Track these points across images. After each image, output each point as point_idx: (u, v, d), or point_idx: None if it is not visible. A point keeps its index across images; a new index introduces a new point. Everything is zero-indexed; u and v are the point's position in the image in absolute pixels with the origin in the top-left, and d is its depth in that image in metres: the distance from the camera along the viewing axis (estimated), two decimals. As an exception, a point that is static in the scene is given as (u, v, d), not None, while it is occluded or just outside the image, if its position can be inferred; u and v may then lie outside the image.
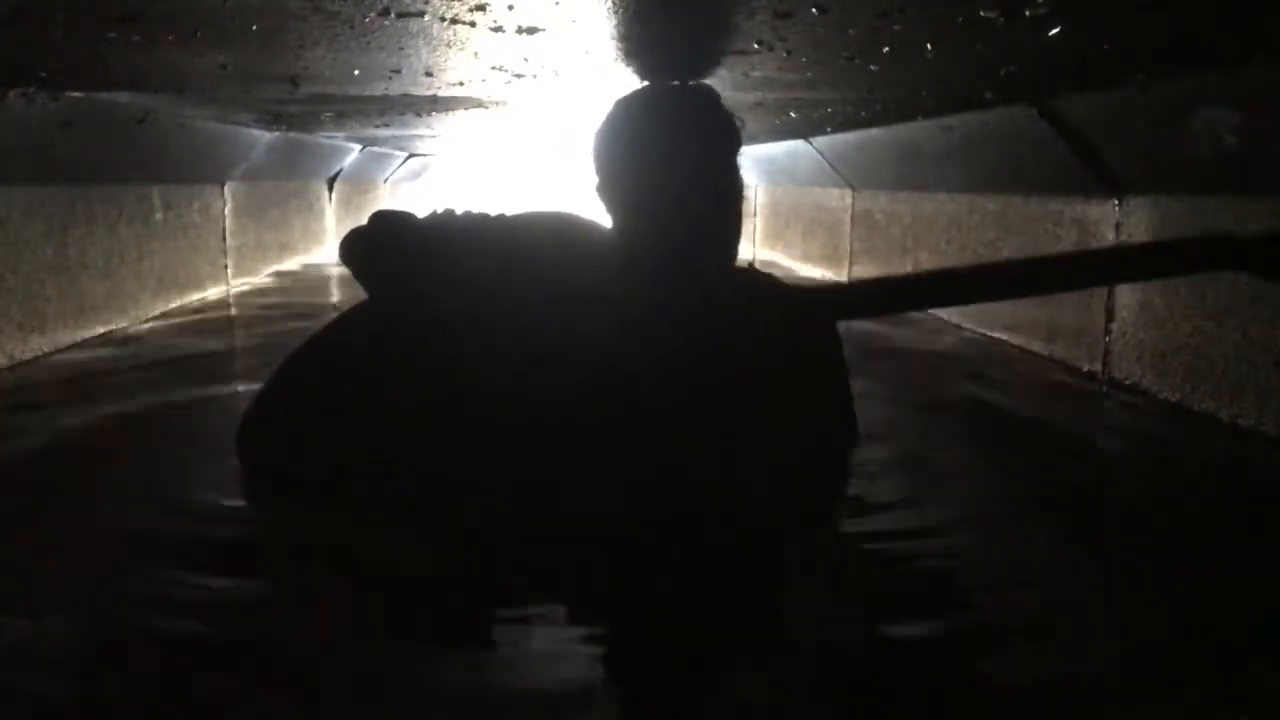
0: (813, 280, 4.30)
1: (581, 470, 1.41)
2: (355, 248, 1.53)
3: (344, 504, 1.42)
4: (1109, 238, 2.24)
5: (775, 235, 5.48)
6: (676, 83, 1.60)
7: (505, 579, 1.23)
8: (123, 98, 2.36)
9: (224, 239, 3.80)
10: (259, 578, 1.22)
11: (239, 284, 3.92)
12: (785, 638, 1.11)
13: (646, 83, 1.86)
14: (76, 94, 2.20)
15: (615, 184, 1.43)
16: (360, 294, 1.60)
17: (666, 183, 1.38)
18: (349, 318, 1.59)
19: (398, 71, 1.81)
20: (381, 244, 1.50)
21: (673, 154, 1.38)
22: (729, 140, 1.43)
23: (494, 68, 1.77)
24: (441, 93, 2.20)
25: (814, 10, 1.21)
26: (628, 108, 1.45)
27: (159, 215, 3.15)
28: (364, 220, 1.56)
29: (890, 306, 1.80)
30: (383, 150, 5.60)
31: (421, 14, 1.25)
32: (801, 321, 1.51)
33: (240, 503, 1.46)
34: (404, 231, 1.50)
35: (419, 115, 2.91)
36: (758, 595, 1.21)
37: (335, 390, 1.48)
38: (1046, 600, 1.17)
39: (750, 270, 1.56)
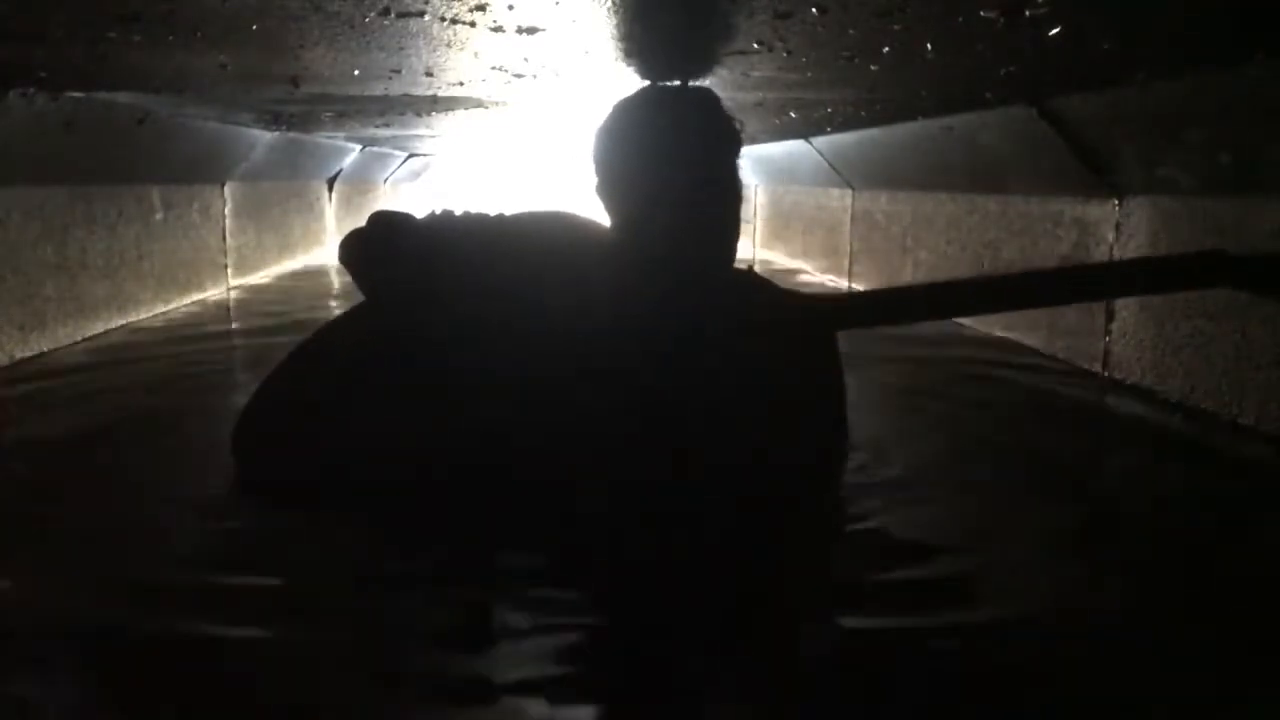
0: (811, 280, 4.30)
1: (577, 469, 1.41)
2: (354, 250, 1.53)
3: (339, 503, 1.42)
4: (1109, 238, 2.24)
5: (775, 235, 5.48)
6: (678, 84, 1.60)
7: (502, 577, 1.23)
8: (123, 98, 2.36)
9: (224, 239, 3.81)
10: (254, 577, 1.22)
11: (239, 284, 3.92)
12: (781, 632, 1.11)
13: (647, 83, 1.86)
14: (76, 94, 2.20)
15: (615, 185, 1.43)
16: (360, 295, 1.60)
17: (666, 184, 1.38)
18: (347, 319, 1.59)
19: (398, 71, 1.81)
20: (380, 246, 1.50)
21: (673, 155, 1.38)
22: (729, 142, 1.43)
23: (494, 68, 1.77)
24: (441, 93, 2.20)
25: (814, 10, 1.21)
26: (628, 109, 1.45)
27: (159, 215, 3.15)
28: (364, 221, 1.56)
29: (888, 318, 1.81)
30: (383, 150, 5.60)
31: (421, 14, 1.25)
32: (798, 324, 1.51)
33: (235, 502, 1.47)
34: (402, 233, 1.50)
35: (419, 115, 2.91)
36: (751, 589, 1.21)
37: (332, 390, 1.48)
38: (1044, 600, 1.17)
39: (749, 273, 1.55)
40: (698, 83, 1.87)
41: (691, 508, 1.40)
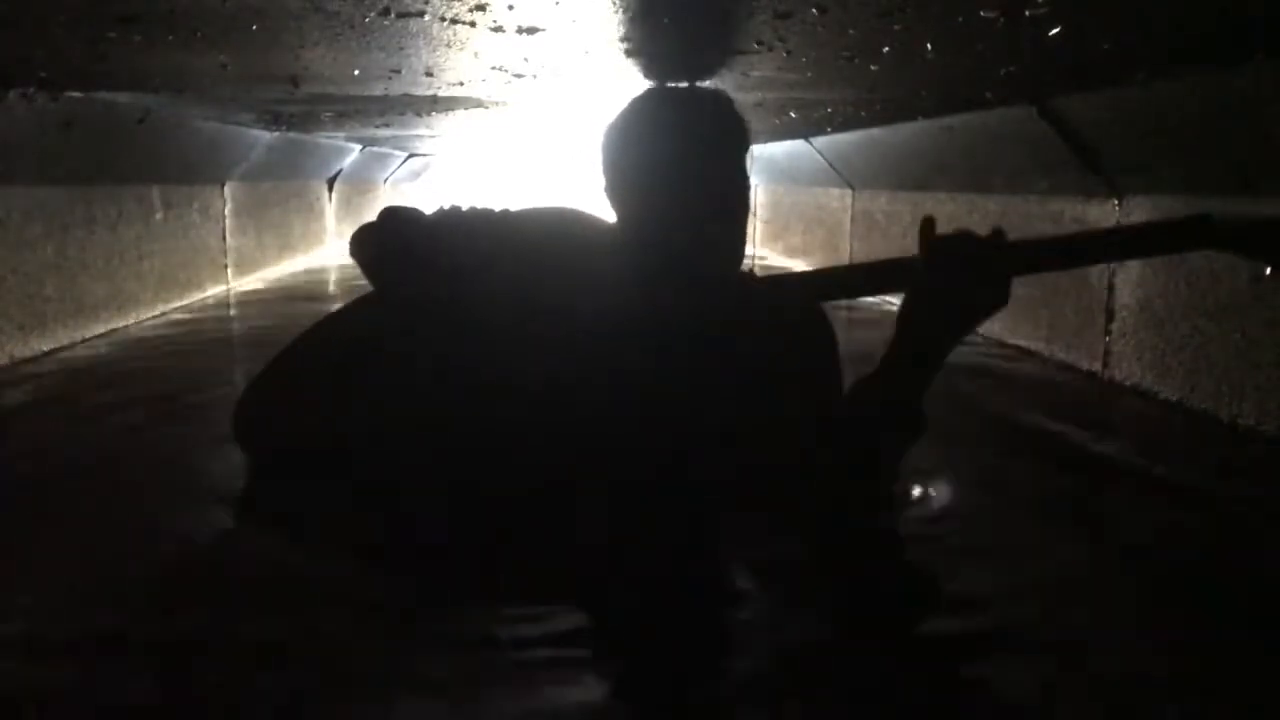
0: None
1: (578, 467, 1.41)
2: (365, 244, 1.54)
3: (340, 489, 1.43)
4: (1109, 238, 2.24)
5: (775, 235, 5.48)
6: (686, 84, 1.60)
7: (501, 570, 1.23)
8: (123, 98, 2.36)
9: (224, 239, 3.81)
10: (256, 573, 1.22)
11: (239, 284, 3.92)
12: (783, 631, 1.10)
13: (649, 83, 1.86)
14: (76, 94, 2.20)
15: (623, 185, 1.43)
16: (365, 290, 1.60)
17: (672, 185, 1.38)
18: (353, 307, 1.59)
19: (398, 71, 1.81)
20: (391, 240, 1.51)
21: (680, 156, 1.38)
22: (736, 142, 1.43)
23: (494, 68, 1.77)
24: (441, 93, 2.20)
25: (814, 10, 1.21)
26: (637, 109, 1.45)
27: (159, 215, 3.15)
28: (367, 219, 1.57)
29: (880, 288, 1.80)
30: (383, 150, 5.61)
31: (421, 14, 1.25)
32: (798, 325, 1.51)
33: (237, 491, 1.47)
34: (412, 228, 1.51)
35: (419, 115, 2.92)
36: (753, 587, 1.22)
37: (335, 375, 1.48)
38: (1043, 603, 1.17)
39: (750, 274, 1.56)
40: (701, 83, 1.87)
41: (694, 507, 1.40)
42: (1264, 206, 1.73)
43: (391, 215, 1.53)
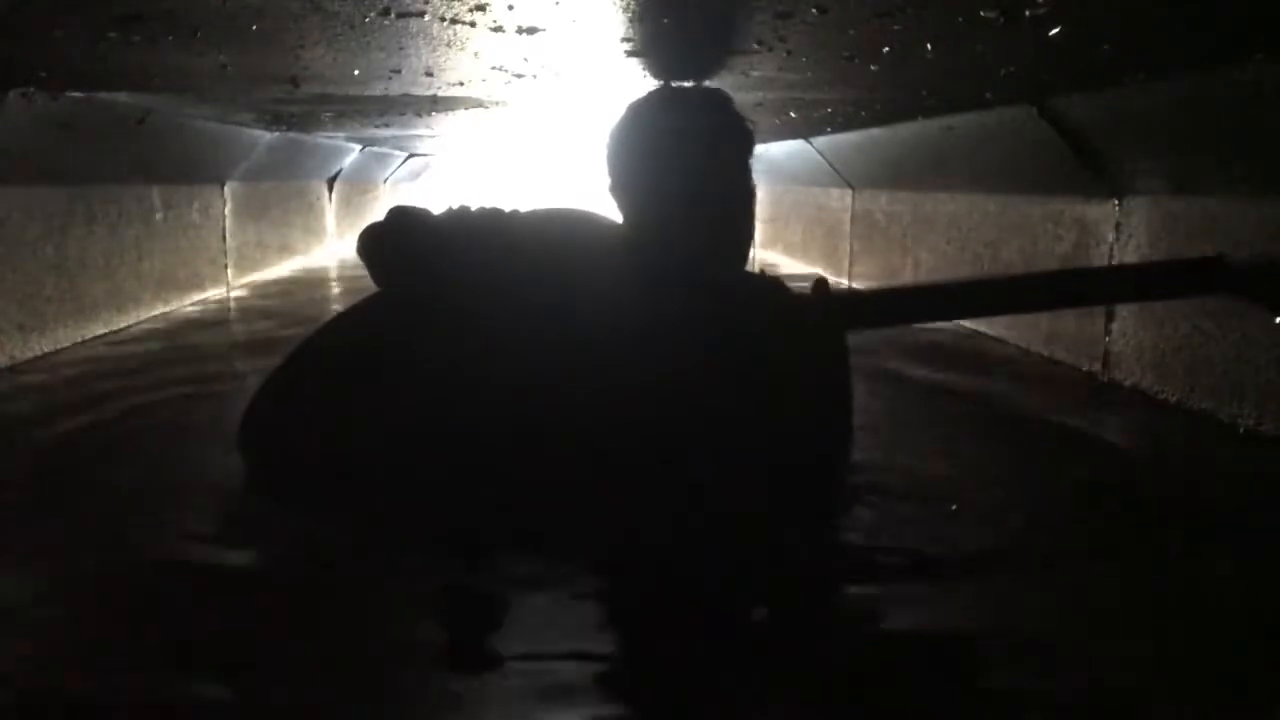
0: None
1: (584, 466, 1.41)
2: (373, 243, 1.54)
3: (347, 496, 1.43)
4: (1109, 238, 2.24)
5: (775, 235, 5.48)
6: (690, 84, 1.60)
7: (506, 572, 1.23)
8: (123, 98, 2.36)
9: (224, 239, 3.80)
10: (257, 573, 1.22)
11: (239, 284, 3.92)
12: (784, 633, 1.11)
13: (649, 83, 1.86)
14: (76, 94, 2.20)
15: (627, 185, 1.44)
16: (365, 290, 1.60)
17: (676, 185, 1.38)
18: (357, 312, 1.59)
19: (398, 71, 1.81)
20: (399, 240, 1.51)
21: (684, 156, 1.39)
22: (740, 143, 1.44)
23: (494, 68, 1.77)
24: (441, 93, 2.20)
25: (814, 10, 1.21)
26: (641, 109, 1.45)
27: (159, 215, 3.15)
28: (367, 219, 1.57)
29: (895, 319, 1.80)
30: (383, 150, 5.60)
31: (421, 14, 1.25)
32: (805, 325, 1.51)
33: (241, 496, 1.47)
34: (421, 227, 1.51)
35: (419, 115, 2.91)
36: (754, 589, 1.22)
37: (342, 383, 1.48)
38: (1044, 601, 1.17)
39: (760, 275, 1.56)
40: (703, 83, 1.86)
41: (698, 506, 1.40)
42: (1264, 207, 1.73)
43: (400, 214, 1.53)
